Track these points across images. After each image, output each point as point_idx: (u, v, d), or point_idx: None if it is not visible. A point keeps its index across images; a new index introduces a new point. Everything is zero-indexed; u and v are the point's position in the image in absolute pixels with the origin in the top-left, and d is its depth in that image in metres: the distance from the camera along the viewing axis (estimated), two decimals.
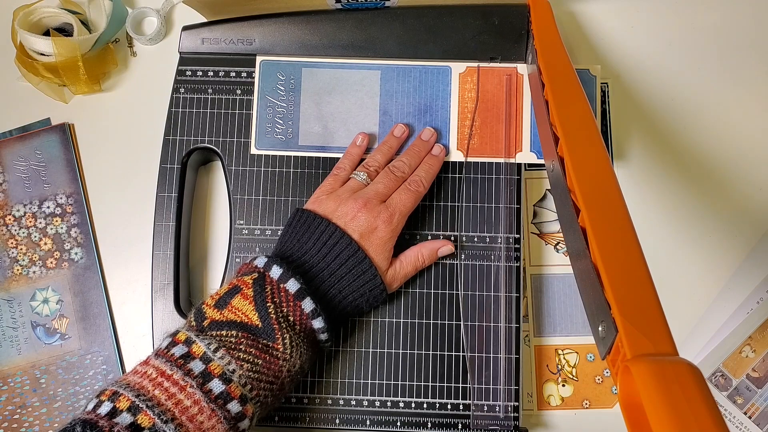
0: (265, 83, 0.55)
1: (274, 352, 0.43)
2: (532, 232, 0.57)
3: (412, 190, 0.50)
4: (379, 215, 0.48)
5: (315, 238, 0.48)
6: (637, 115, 0.58)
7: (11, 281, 0.56)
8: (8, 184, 0.57)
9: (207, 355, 0.41)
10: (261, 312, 0.44)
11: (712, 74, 0.59)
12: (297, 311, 0.45)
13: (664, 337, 0.32)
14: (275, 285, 0.45)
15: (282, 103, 0.54)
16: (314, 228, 0.48)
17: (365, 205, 0.48)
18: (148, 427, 0.38)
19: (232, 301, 0.44)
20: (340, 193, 0.50)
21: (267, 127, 0.54)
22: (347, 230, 0.48)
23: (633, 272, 0.35)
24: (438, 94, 0.55)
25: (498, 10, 0.55)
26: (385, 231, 0.48)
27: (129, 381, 0.41)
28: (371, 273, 0.47)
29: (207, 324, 0.44)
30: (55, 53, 0.55)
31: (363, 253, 0.47)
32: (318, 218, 0.48)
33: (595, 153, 0.41)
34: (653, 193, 0.57)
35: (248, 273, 0.46)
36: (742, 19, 0.60)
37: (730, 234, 0.57)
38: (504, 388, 0.51)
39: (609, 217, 0.37)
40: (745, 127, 0.58)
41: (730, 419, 0.53)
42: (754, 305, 0.54)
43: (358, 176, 0.51)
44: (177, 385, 0.40)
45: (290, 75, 0.55)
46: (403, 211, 0.50)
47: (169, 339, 0.43)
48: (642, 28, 0.60)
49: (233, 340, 0.43)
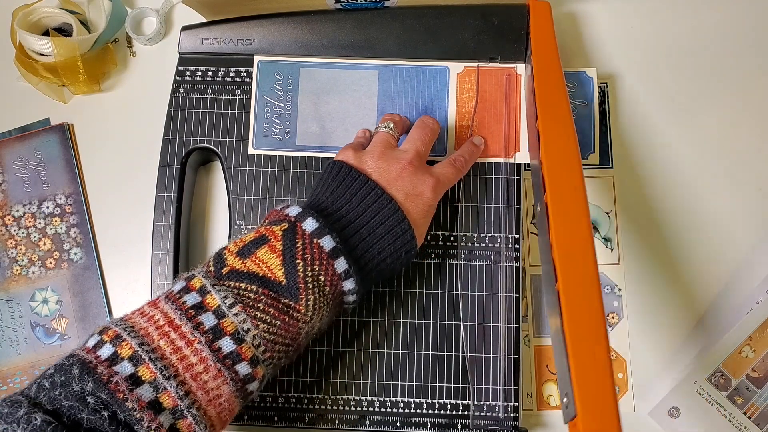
0: (262, 83, 0.55)
1: (294, 313, 0.40)
2: (532, 232, 0.57)
3: (457, 166, 0.49)
4: (424, 179, 0.46)
5: (352, 192, 0.44)
6: (636, 115, 0.58)
7: (10, 281, 0.56)
8: (7, 184, 0.57)
9: (221, 309, 0.38)
10: (288, 268, 0.40)
11: (711, 74, 0.59)
12: (330, 271, 0.41)
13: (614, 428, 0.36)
14: (308, 239, 0.41)
15: (280, 103, 0.54)
16: (351, 182, 0.44)
17: (410, 165, 0.46)
18: (149, 381, 0.36)
19: (258, 251, 0.41)
20: (373, 148, 0.47)
21: (265, 127, 0.54)
22: (390, 190, 0.44)
23: (596, 354, 0.38)
24: (436, 94, 0.55)
25: (498, 10, 0.55)
26: (430, 196, 0.46)
27: (135, 323, 0.38)
28: (410, 234, 0.44)
29: (226, 272, 0.40)
30: (54, 53, 0.55)
31: (403, 214, 0.44)
32: (355, 172, 0.45)
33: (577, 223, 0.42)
34: (652, 192, 0.57)
35: (277, 222, 0.42)
36: (742, 19, 0.60)
37: (730, 234, 0.57)
38: (504, 389, 0.51)
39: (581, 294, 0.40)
40: (745, 126, 0.58)
41: (729, 419, 0.53)
42: (754, 305, 0.54)
43: (383, 126, 0.48)
44: (184, 339, 0.37)
45: (288, 75, 0.55)
46: (445, 183, 0.48)
47: (182, 283, 0.40)
48: (642, 28, 0.60)
49: (252, 296, 0.39)
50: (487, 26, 0.55)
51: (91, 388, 0.35)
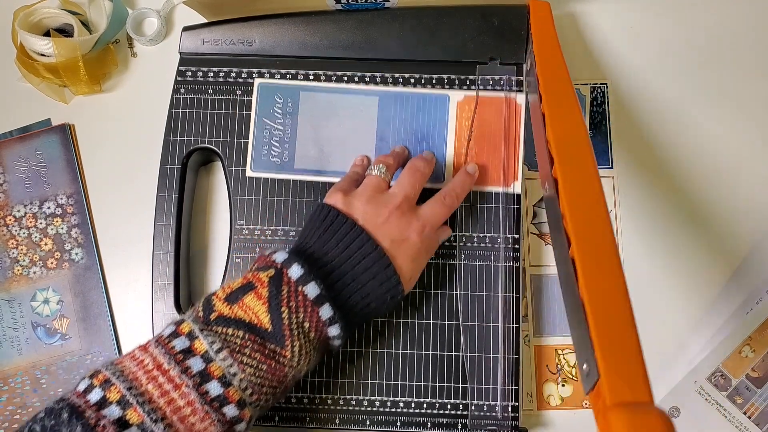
0: (262, 106, 0.54)
1: (280, 359, 0.41)
2: (532, 232, 0.57)
3: (447, 203, 0.48)
4: (411, 225, 0.46)
5: (338, 238, 0.45)
6: (635, 115, 0.59)
7: (12, 281, 0.57)
8: (9, 185, 0.58)
9: (208, 354, 0.39)
10: (273, 315, 0.41)
11: (711, 76, 0.59)
12: (314, 317, 0.42)
13: (643, 386, 0.33)
14: (293, 287, 0.42)
15: (279, 126, 0.54)
16: (338, 227, 0.45)
17: (398, 209, 0.46)
18: (137, 424, 0.37)
19: (245, 298, 0.42)
20: (362, 191, 0.47)
21: (263, 149, 0.54)
22: (376, 235, 0.45)
23: (618, 314, 0.36)
24: (435, 122, 0.54)
25: (498, 11, 0.55)
26: (416, 241, 0.46)
27: (124, 367, 0.39)
28: (395, 280, 0.45)
29: (214, 318, 0.41)
30: (55, 54, 0.55)
31: (388, 260, 0.44)
32: (342, 217, 0.45)
33: (589, 185, 0.41)
34: (652, 192, 0.57)
35: (265, 268, 0.43)
36: (741, 21, 0.60)
37: (730, 234, 0.57)
38: (503, 388, 0.51)
39: (598, 254, 0.38)
40: (745, 127, 0.58)
41: (729, 419, 0.53)
42: (754, 305, 0.54)
43: (375, 169, 0.48)
44: (172, 383, 0.38)
45: (288, 98, 0.55)
46: (434, 224, 0.47)
47: (172, 327, 0.41)
48: (641, 30, 0.60)
49: (239, 341, 0.40)
50: (487, 26, 0.55)
51: None
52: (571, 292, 0.38)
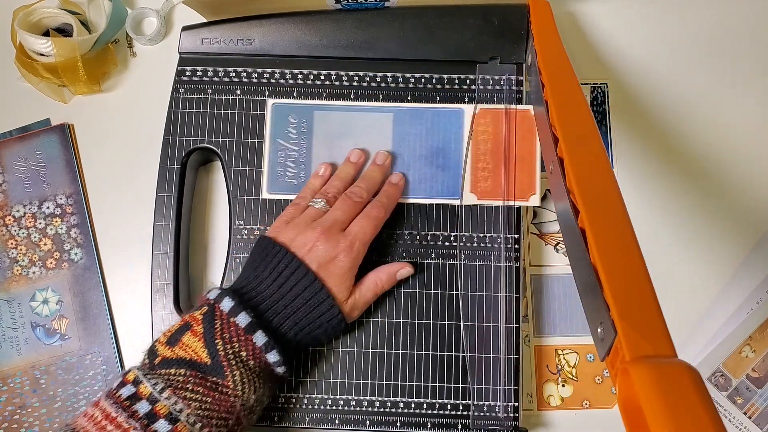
0: (276, 127, 0.54)
1: (224, 389, 0.42)
2: (532, 232, 0.57)
3: (372, 216, 0.49)
4: (338, 244, 0.47)
5: (271, 267, 0.46)
6: (636, 115, 0.58)
7: (11, 282, 0.56)
8: (8, 185, 0.58)
9: (153, 395, 0.41)
10: (210, 349, 0.43)
11: (711, 74, 0.59)
12: (249, 345, 0.44)
13: (663, 339, 0.32)
14: (225, 319, 0.44)
15: (294, 146, 0.54)
16: (271, 257, 0.47)
17: (324, 234, 0.47)
18: None
19: (183, 337, 0.44)
20: (298, 221, 0.49)
21: (279, 171, 0.54)
22: (305, 260, 0.46)
23: (632, 273, 0.35)
24: (451, 136, 0.54)
25: (498, 10, 0.55)
26: (345, 260, 0.47)
27: (76, 425, 0.41)
28: (328, 303, 0.46)
29: (158, 362, 0.43)
30: (54, 54, 0.55)
31: (320, 284, 0.46)
32: (276, 247, 0.47)
33: (594, 154, 0.41)
34: (653, 193, 0.57)
35: (199, 307, 0.46)
36: (742, 19, 0.60)
37: (730, 234, 0.56)
38: (504, 389, 0.51)
39: (608, 218, 0.37)
40: (745, 127, 0.58)
41: (729, 419, 0.53)
42: (754, 305, 0.54)
43: (317, 203, 0.50)
44: (120, 428, 0.40)
45: (302, 118, 0.54)
46: (363, 239, 0.48)
47: (120, 379, 0.43)
48: (642, 28, 0.60)
49: (181, 378, 0.42)
50: (487, 26, 0.55)
51: None
52: (582, 263, 0.37)
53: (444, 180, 0.53)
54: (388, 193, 0.52)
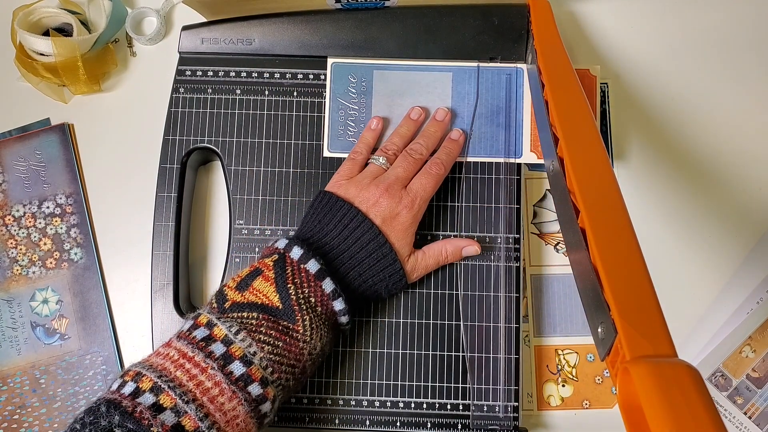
0: (336, 85, 0.55)
1: (294, 334, 0.43)
2: (532, 232, 0.57)
3: (433, 173, 0.50)
4: (401, 201, 0.49)
5: (336, 220, 0.48)
6: (636, 115, 0.58)
7: (11, 281, 0.56)
8: (8, 185, 0.57)
9: (228, 337, 0.42)
10: (282, 293, 0.44)
11: (711, 74, 0.59)
12: (318, 292, 0.45)
13: (663, 339, 0.32)
14: (296, 266, 0.45)
15: (354, 105, 0.54)
16: (335, 211, 0.48)
17: (387, 191, 0.48)
18: (170, 407, 0.38)
19: (254, 282, 0.45)
20: (360, 178, 0.50)
21: (339, 129, 0.54)
22: (369, 215, 0.48)
23: (632, 273, 0.35)
24: (511, 95, 0.54)
25: (498, 10, 0.55)
26: (406, 216, 0.48)
27: (152, 362, 0.41)
28: (391, 257, 0.48)
29: (228, 306, 0.44)
30: (54, 53, 0.55)
31: (384, 238, 0.47)
32: (340, 201, 0.48)
33: (594, 153, 0.41)
34: (653, 193, 0.57)
35: (269, 255, 0.47)
36: (742, 18, 0.60)
37: (730, 234, 0.56)
38: (504, 389, 0.51)
39: (608, 217, 0.38)
40: (745, 126, 0.58)
41: (730, 419, 0.53)
42: (754, 305, 0.54)
43: (377, 160, 0.51)
44: (198, 367, 0.40)
45: (362, 77, 0.55)
46: (424, 196, 0.50)
47: (191, 322, 0.44)
48: (642, 27, 0.60)
49: (254, 322, 0.43)
50: (487, 26, 0.55)
51: (118, 420, 0.38)
52: (582, 263, 0.38)
53: (505, 138, 0.54)
54: (448, 149, 0.52)
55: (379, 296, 0.50)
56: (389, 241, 0.48)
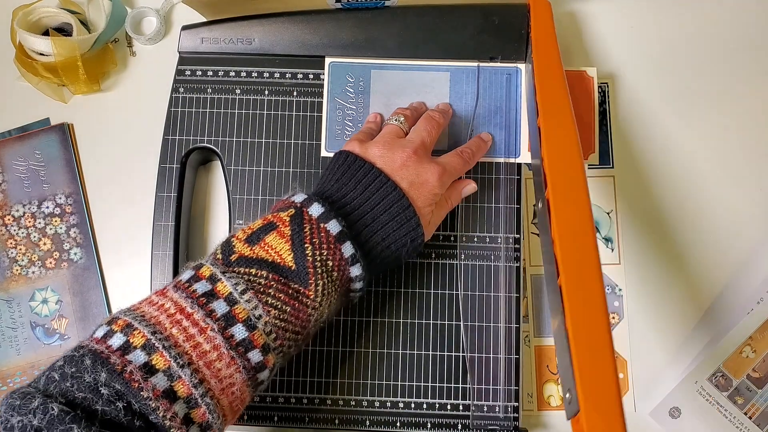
0: (334, 85, 0.55)
1: (304, 299, 0.40)
2: (532, 232, 0.57)
3: (464, 157, 0.49)
4: (429, 168, 0.46)
5: (356, 180, 0.44)
6: (637, 115, 0.58)
7: (10, 281, 0.56)
8: (7, 184, 0.57)
9: (233, 296, 0.38)
10: (297, 253, 0.40)
11: (712, 74, 0.59)
12: (337, 255, 0.41)
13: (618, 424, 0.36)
14: (315, 224, 0.41)
15: (352, 105, 0.54)
16: (355, 170, 0.45)
17: (415, 154, 0.46)
18: (163, 369, 0.35)
19: (267, 237, 0.41)
20: (381, 138, 0.47)
21: (337, 129, 0.54)
22: (395, 176, 0.45)
23: (599, 354, 0.38)
24: (510, 95, 0.54)
25: (498, 10, 0.55)
26: (435, 186, 0.46)
27: (144, 312, 0.37)
28: (415, 221, 0.44)
29: (235, 259, 0.40)
30: (54, 53, 0.55)
31: (408, 201, 0.44)
32: (361, 160, 0.45)
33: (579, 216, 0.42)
34: (653, 192, 0.57)
35: (284, 209, 0.42)
36: (743, 19, 0.60)
37: (730, 234, 0.56)
38: (504, 389, 0.51)
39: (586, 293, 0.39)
40: (746, 126, 0.58)
41: (730, 419, 0.53)
42: (754, 305, 0.54)
43: (396, 119, 0.49)
44: (197, 326, 0.36)
45: (360, 77, 0.55)
46: (451, 172, 0.48)
47: (191, 272, 0.40)
48: (642, 28, 0.60)
49: (262, 281, 0.39)
50: (487, 26, 0.55)
51: (105, 378, 0.34)
52: (558, 321, 0.40)
53: (504, 139, 0.54)
54: (478, 143, 0.52)
55: (400, 261, 0.46)
56: (414, 206, 0.44)
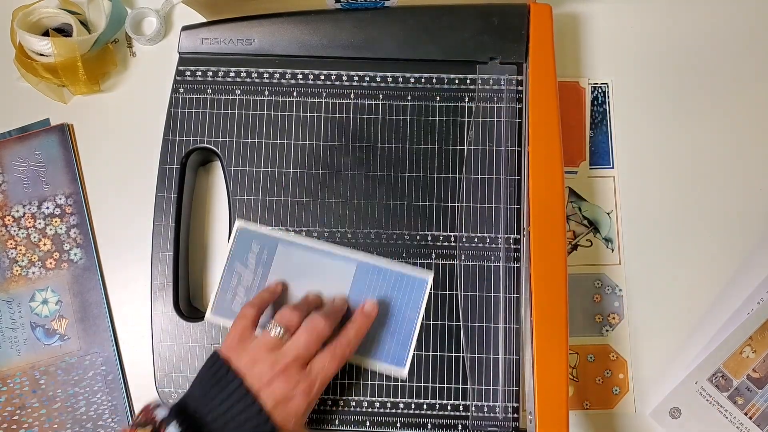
0: (238, 250, 0.52)
1: None
2: None
3: (338, 355, 0.46)
4: (297, 384, 0.45)
5: (223, 397, 0.44)
6: (637, 115, 0.58)
7: (10, 282, 0.56)
8: (7, 185, 0.57)
9: None
10: None
11: (712, 75, 0.59)
12: None
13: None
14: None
15: (249, 275, 0.52)
16: (224, 384, 0.44)
17: (284, 370, 0.45)
18: None
19: None
20: (255, 347, 0.46)
21: (227, 295, 0.52)
22: (260, 395, 0.44)
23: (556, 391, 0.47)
24: (408, 303, 0.52)
25: (498, 10, 0.55)
26: (302, 403, 0.45)
27: None
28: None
29: None
30: (54, 53, 0.55)
31: (271, 425, 0.43)
32: (231, 374, 0.44)
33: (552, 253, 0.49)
34: (653, 192, 0.57)
35: (143, 424, 0.43)
36: (743, 20, 0.60)
37: (730, 234, 0.56)
38: (504, 389, 0.51)
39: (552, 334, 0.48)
40: (746, 127, 0.58)
41: (730, 420, 0.53)
42: (755, 306, 0.54)
43: (275, 331, 0.46)
44: None
45: (265, 248, 0.52)
46: (324, 380, 0.46)
47: None
48: (643, 28, 0.60)
49: None
50: (487, 26, 0.55)
51: None
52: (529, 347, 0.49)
53: (390, 346, 0.51)
54: (358, 326, 0.49)
55: None
56: (277, 427, 0.43)
